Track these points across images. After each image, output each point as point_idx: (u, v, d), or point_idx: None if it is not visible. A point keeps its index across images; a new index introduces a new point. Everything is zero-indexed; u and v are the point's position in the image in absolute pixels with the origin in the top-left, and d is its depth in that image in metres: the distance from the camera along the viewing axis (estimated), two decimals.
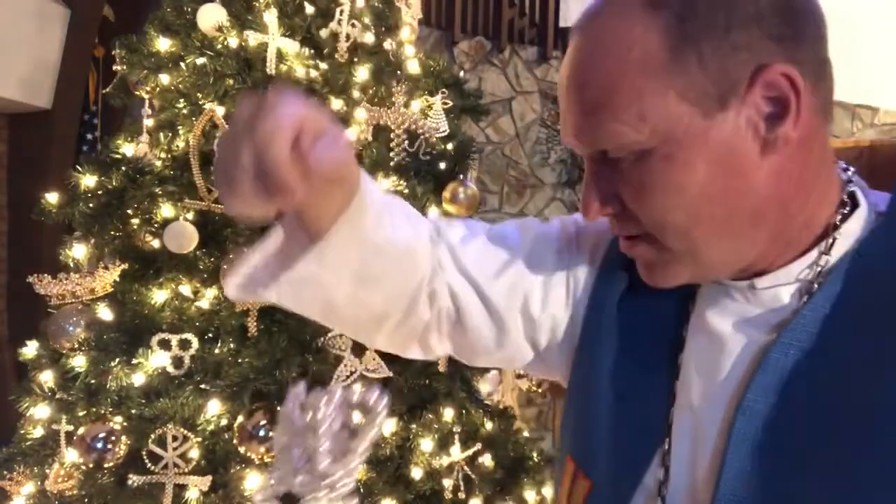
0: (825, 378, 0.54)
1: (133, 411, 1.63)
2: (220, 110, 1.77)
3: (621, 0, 0.55)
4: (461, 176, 2.00)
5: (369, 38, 1.98)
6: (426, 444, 1.77)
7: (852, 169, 0.62)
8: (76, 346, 1.69)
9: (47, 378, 1.72)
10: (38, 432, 1.74)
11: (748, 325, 0.59)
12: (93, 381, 1.65)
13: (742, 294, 0.60)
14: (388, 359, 1.78)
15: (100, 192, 1.73)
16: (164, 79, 1.85)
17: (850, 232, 0.57)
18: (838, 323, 0.55)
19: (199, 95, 1.82)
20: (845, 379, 0.53)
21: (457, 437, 1.83)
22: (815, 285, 0.57)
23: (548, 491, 2.03)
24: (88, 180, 1.75)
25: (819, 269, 0.57)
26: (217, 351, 1.68)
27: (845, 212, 0.58)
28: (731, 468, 0.56)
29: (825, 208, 0.58)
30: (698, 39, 0.51)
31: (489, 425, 1.92)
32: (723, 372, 0.59)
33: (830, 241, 0.57)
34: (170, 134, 1.82)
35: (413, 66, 2.06)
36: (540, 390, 2.24)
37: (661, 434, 0.61)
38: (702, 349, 0.62)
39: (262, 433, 1.60)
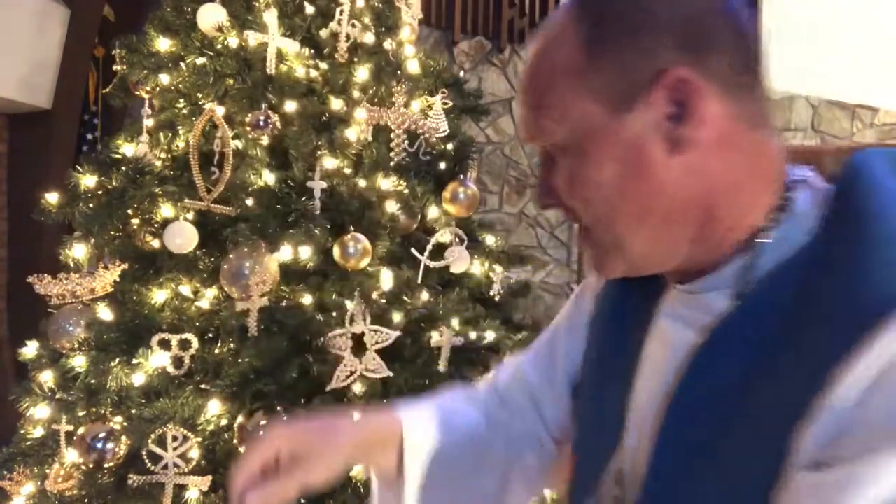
0: (741, 380, 0.56)
1: (133, 411, 1.63)
2: (220, 110, 1.77)
3: (563, 10, 0.61)
4: (461, 176, 2.00)
5: (369, 38, 1.98)
6: None
7: (810, 174, 0.61)
8: (76, 346, 1.69)
9: (47, 378, 1.72)
10: (38, 432, 1.74)
11: (686, 326, 0.62)
12: (93, 381, 1.65)
13: (683, 297, 0.64)
14: (388, 359, 1.78)
15: (100, 192, 1.73)
16: (164, 79, 1.85)
17: (784, 238, 0.58)
18: (760, 329, 0.56)
19: (199, 95, 1.83)
20: (756, 382, 0.55)
21: None
22: (747, 290, 0.58)
23: (548, 491, 2.02)
24: (88, 180, 1.75)
25: (749, 273, 0.58)
26: (217, 351, 1.68)
27: (779, 217, 0.58)
28: (659, 460, 0.60)
29: (754, 213, 0.59)
30: (610, 43, 0.56)
31: None
32: (663, 371, 0.63)
33: (760, 246, 0.58)
34: (170, 134, 1.82)
35: (413, 66, 2.06)
36: None
37: (615, 429, 0.68)
38: (652, 349, 0.67)
39: (261, 433, 1.60)
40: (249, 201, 1.78)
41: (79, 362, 1.67)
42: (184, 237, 1.70)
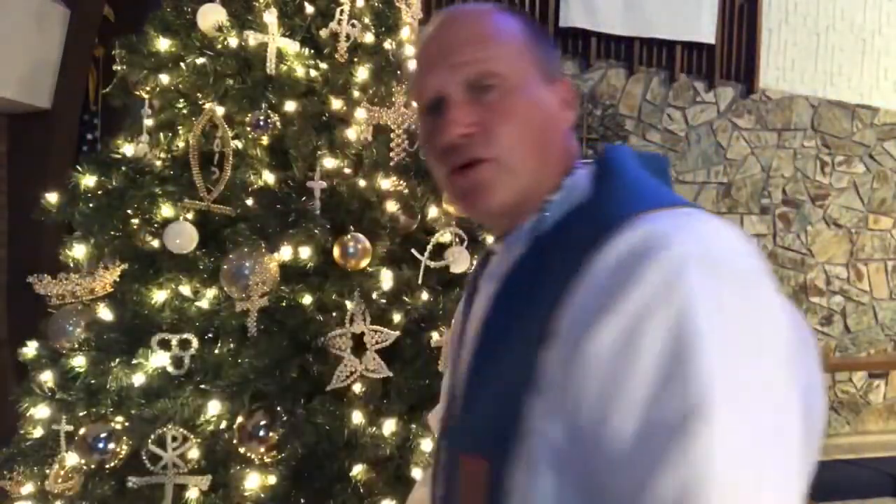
0: (514, 306, 0.71)
1: (133, 411, 1.63)
2: (219, 110, 1.77)
3: (497, 11, 0.80)
4: None
5: (369, 38, 1.98)
6: (426, 444, 1.77)
7: (589, 161, 0.82)
8: (76, 346, 1.69)
9: (47, 378, 1.72)
10: (38, 432, 1.74)
11: (495, 276, 0.79)
12: (93, 381, 1.65)
13: (498, 255, 0.82)
14: (388, 359, 1.78)
15: (100, 192, 1.73)
16: (164, 79, 1.85)
17: (564, 200, 0.75)
18: (532, 269, 0.72)
19: (199, 95, 1.83)
20: (520, 306, 0.70)
21: None
22: (536, 240, 0.75)
23: None
24: (88, 180, 1.75)
25: (539, 225, 0.75)
26: (217, 351, 1.68)
27: (561, 185, 0.77)
28: (466, 382, 0.76)
29: (557, 175, 0.78)
30: (537, 48, 0.80)
31: None
32: (476, 317, 0.80)
33: (547, 204, 0.76)
34: (170, 134, 1.82)
35: (413, 66, 2.06)
36: None
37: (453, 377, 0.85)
38: (475, 307, 0.83)
39: (261, 433, 1.60)
40: (249, 201, 1.78)
41: (79, 362, 1.67)
42: (184, 237, 1.70)
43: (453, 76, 0.75)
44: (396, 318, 1.82)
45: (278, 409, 1.65)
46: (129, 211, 1.73)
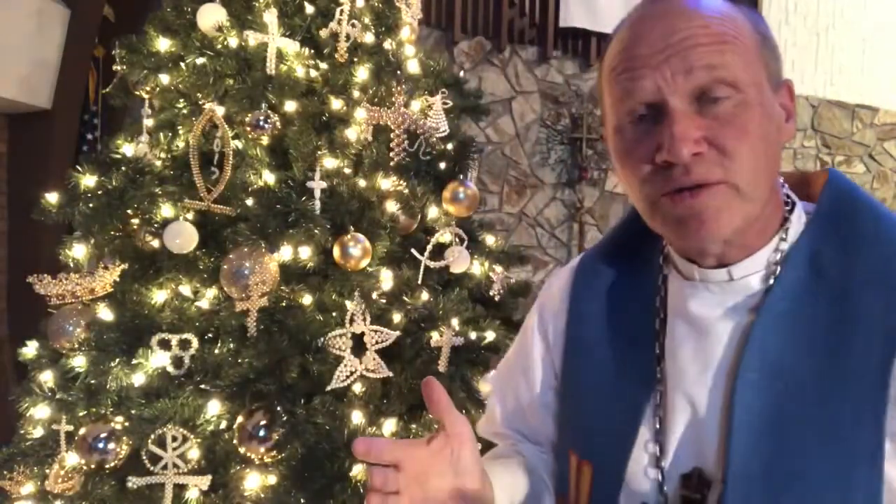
0: (798, 348, 0.66)
1: (133, 411, 1.63)
2: (219, 110, 1.77)
3: (729, 8, 0.69)
4: (461, 176, 2.00)
5: (369, 38, 1.98)
6: None
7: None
8: (76, 346, 1.69)
9: (47, 378, 1.72)
10: (38, 432, 1.74)
11: (730, 311, 0.71)
12: (93, 381, 1.65)
13: (719, 285, 0.72)
14: (388, 359, 1.78)
15: (100, 192, 1.73)
16: (164, 79, 1.85)
17: (795, 225, 0.73)
18: (802, 302, 0.68)
19: (199, 95, 1.83)
20: (812, 348, 0.66)
21: None
22: (778, 270, 0.70)
23: None
24: (88, 180, 1.75)
25: (779, 255, 0.71)
26: (217, 351, 1.68)
27: (789, 209, 0.74)
28: (738, 438, 0.65)
29: (781, 202, 0.74)
30: (768, 52, 0.71)
31: None
32: (715, 355, 0.71)
33: (784, 231, 0.72)
34: (170, 134, 1.82)
35: (413, 66, 2.06)
36: None
37: (641, 413, 0.74)
38: (688, 338, 0.73)
39: (261, 433, 1.60)
40: (249, 201, 1.78)
41: (79, 362, 1.67)
42: (184, 237, 1.70)
43: (680, 82, 0.65)
44: (396, 318, 1.82)
45: (278, 409, 1.65)
46: (129, 211, 1.73)
